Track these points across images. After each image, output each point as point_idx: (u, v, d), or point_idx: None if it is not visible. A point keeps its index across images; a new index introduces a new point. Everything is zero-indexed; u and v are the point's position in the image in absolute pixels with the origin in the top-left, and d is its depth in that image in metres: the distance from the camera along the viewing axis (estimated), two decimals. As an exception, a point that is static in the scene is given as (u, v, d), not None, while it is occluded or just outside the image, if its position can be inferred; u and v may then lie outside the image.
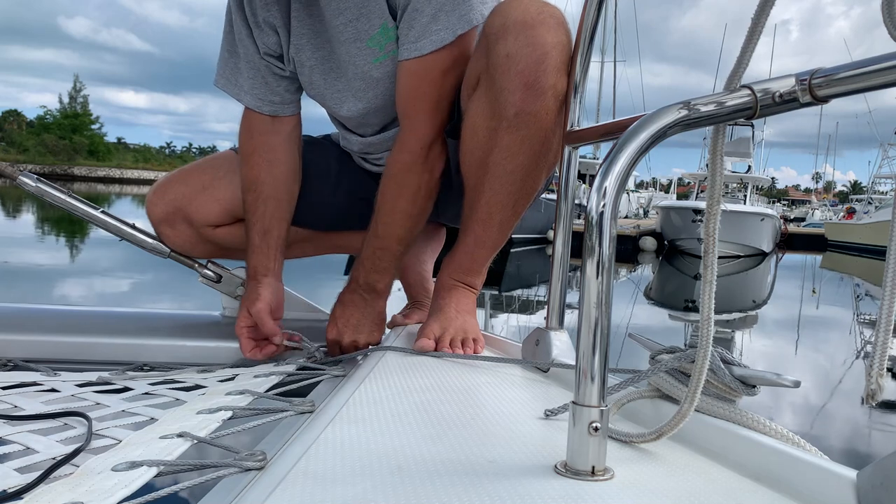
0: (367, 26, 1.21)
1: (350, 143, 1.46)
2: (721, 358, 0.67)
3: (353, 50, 1.24)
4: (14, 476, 0.65)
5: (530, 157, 1.14)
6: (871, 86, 0.53)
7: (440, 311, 1.22)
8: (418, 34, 1.15)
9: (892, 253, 0.51)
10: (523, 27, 1.08)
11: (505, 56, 1.08)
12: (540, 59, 1.07)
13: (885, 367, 0.51)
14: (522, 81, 1.08)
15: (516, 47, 1.08)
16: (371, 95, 1.29)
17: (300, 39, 1.30)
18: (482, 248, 1.24)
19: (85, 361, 1.26)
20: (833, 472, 0.55)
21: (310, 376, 1.05)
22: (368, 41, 1.22)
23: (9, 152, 67.28)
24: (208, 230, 1.40)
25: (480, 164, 1.17)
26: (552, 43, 1.08)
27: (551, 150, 1.14)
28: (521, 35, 1.08)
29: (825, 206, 51.58)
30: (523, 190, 1.18)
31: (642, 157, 0.60)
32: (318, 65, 1.31)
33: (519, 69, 1.08)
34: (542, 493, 0.55)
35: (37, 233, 14.07)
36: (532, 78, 1.08)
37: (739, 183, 23.28)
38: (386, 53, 1.23)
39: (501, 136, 1.12)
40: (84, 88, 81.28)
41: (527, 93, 1.08)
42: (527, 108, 1.09)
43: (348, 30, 1.23)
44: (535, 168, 1.16)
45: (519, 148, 1.13)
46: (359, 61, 1.25)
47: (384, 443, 0.67)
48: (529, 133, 1.11)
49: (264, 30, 1.30)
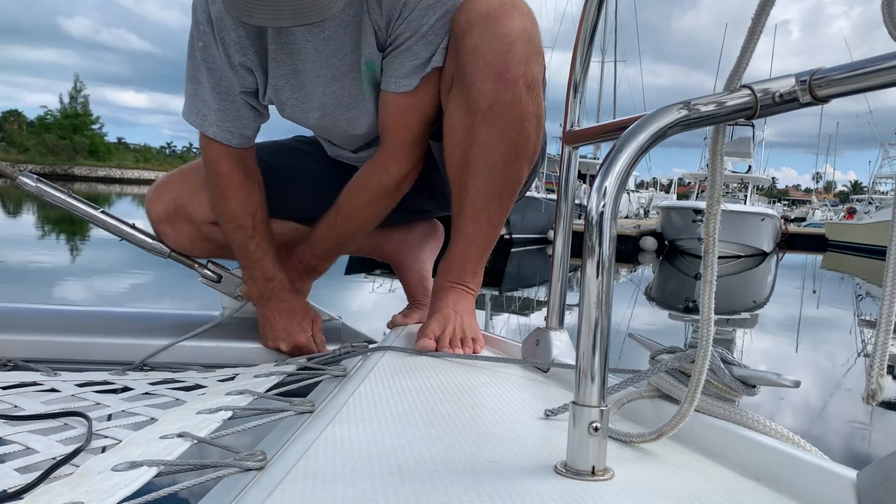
0: (358, 61, 1.21)
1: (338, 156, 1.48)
2: (721, 358, 0.67)
3: (345, 84, 1.23)
4: (14, 476, 0.65)
5: (509, 148, 1.15)
6: (871, 86, 0.53)
7: (439, 312, 1.22)
8: (408, 72, 1.17)
9: (892, 253, 0.51)
10: (487, 20, 1.10)
11: (472, 50, 1.10)
12: (506, 48, 1.09)
13: (885, 366, 0.51)
14: (491, 73, 1.10)
15: (482, 40, 1.09)
16: (363, 124, 1.30)
17: (279, 80, 1.25)
18: (474, 247, 1.25)
19: (85, 361, 1.26)
20: (833, 472, 0.55)
21: (310, 376, 1.05)
22: (360, 74, 1.22)
23: (9, 152, 67.29)
24: (209, 227, 1.40)
25: (462, 163, 1.18)
26: (517, 32, 1.09)
27: (529, 139, 1.16)
28: (486, 28, 1.09)
29: (826, 206, 51.57)
30: (506, 183, 1.19)
31: (642, 157, 0.60)
32: (298, 104, 1.28)
33: (487, 60, 1.09)
34: (542, 493, 0.55)
35: (37, 233, 14.07)
36: (501, 68, 1.09)
37: (740, 183, 23.29)
38: (372, 87, 1.24)
39: (479, 131, 1.14)
40: (84, 88, 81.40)
41: (497, 83, 1.10)
42: (499, 99, 1.11)
43: (343, 64, 1.21)
44: (516, 159, 1.17)
45: (497, 141, 1.14)
46: (349, 94, 1.25)
47: (384, 443, 0.67)
48: (505, 124, 1.13)
49: (239, 71, 1.23)
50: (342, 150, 1.44)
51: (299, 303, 1.36)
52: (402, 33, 1.14)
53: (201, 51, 1.23)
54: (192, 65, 1.26)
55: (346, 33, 1.17)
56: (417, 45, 1.15)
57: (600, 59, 36.33)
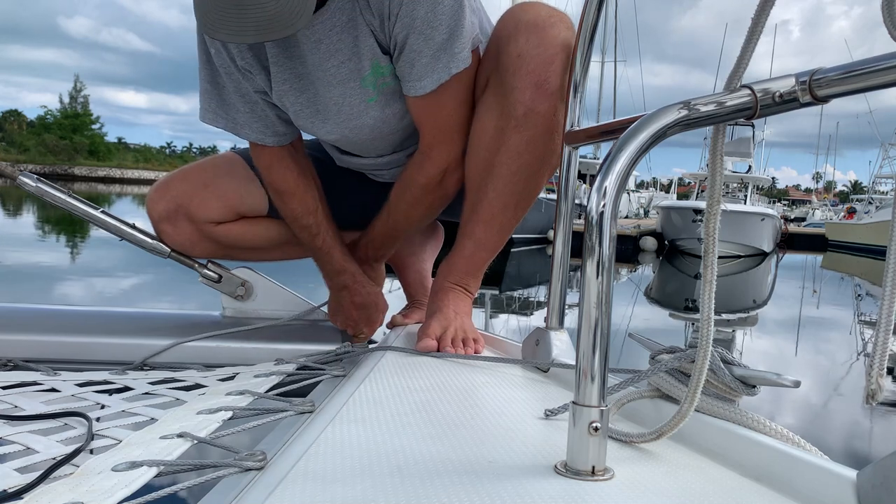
0: (360, 66, 1.17)
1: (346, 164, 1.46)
2: (721, 358, 0.67)
3: (346, 91, 1.20)
4: (14, 476, 0.65)
5: (535, 158, 1.16)
6: (871, 86, 0.53)
7: (440, 312, 1.22)
8: (420, 73, 1.14)
9: (892, 253, 0.51)
10: (535, 28, 1.10)
11: (516, 56, 1.10)
12: (550, 58, 1.10)
13: (885, 367, 0.51)
14: (533, 80, 1.10)
15: (528, 47, 1.10)
16: (367, 131, 1.27)
17: (282, 85, 1.22)
18: (481, 251, 1.24)
19: (85, 361, 1.26)
20: (833, 472, 0.55)
21: (310, 376, 1.05)
22: (362, 81, 1.18)
23: (9, 152, 67.30)
24: (209, 227, 1.40)
25: (486, 165, 1.18)
26: (562, 44, 1.10)
27: (555, 153, 1.15)
28: (532, 35, 1.10)
29: (826, 206, 51.58)
30: (526, 191, 1.19)
31: (642, 157, 0.60)
32: (303, 108, 1.24)
33: (530, 69, 1.10)
34: (542, 493, 0.55)
35: (37, 233, 14.07)
36: (542, 77, 1.10)
37: (740, 183, 23.29)
38: (378, 92, 1.21)
39: (509, 136, 1.14)
40: (84, 88, 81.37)
41: (536, 92, 1.11)
42: (535, 108, 1.11)
43: (341, 71, 1.17)
44: (539, 169, 1.18)
45: (525, 148, 1.14)
46: (352, 101, 1.21)
47: (384, 443, 0.67)
48: (536, 133, 1.13)
49: (246, 75, 1.22)
50: (352, 158, 1.42)
51: (371, 297, 1.39)
52: (399, 33, 1.12)
53: (216, 56, 1.21)
54: (209, 70, 1.25)
55: (341, 39, 1.14)
56: (416, 41, 1.12)
57: (600, 59, 36.37)
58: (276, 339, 1.37)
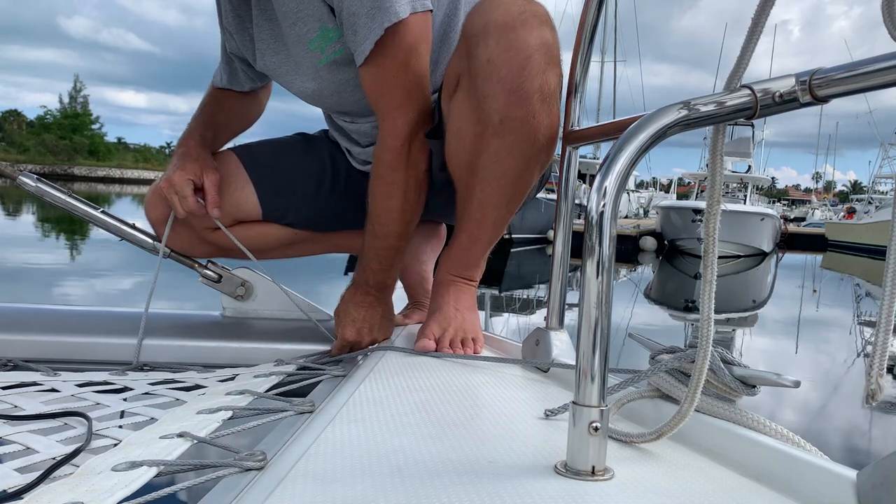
0: (306, 29, 1.19)
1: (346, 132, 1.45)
2: (721, 358, 0.67)
3: (301, 52, 1.25)
4: (14, 476, 0.65)
5: (520, 160, 1.11)
6: (871, 86, 0.53)
7: (439, 310, 1.21)
8: (362, 37, 1.11)
9: (892, 253, 0.51)
10: (504, 29, 1.03)
11: (486, 61, 1.04)
12: (522, 63, 1.02)
13: (885, 367, 0.51)
14: (505, 88, 1.03)
15: (497, 52, 1.03)
16: (328, 92, 1.30)
17: (262, 45, 1.32)
18: (478, 245, 1.23)
19: (85, 361, 1.26)
20: (833, 472, 0.55)
21: (310, 376, 1.05)
22: (309, 44, 1.21)
23: (9, 152, 67.26)
24: (207, 232, 1.40)
25: (469, 167, 1.15)
26: (535, 45, 1.03)
27: (542, 150, 1.11)
28: (502, 38, 1.03)
29: (825, 206, 51.60)
30: (515, 190, 1.16)
31: (642, 157, 0.60)
32: (278, 66, 1.34)
33: (501, 75, 1.03)
34: (542, 493, 0.55)
35: (37, 233, 14.07)
36: (515, 84, 1.03)
37: (739, 183, 23.29)
38: (327, 56, 1.21)
39: (489, 142, 1.09)
40: (84, 88, 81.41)
41: (510, 99, 1.04)
42: (511, 115, 1.05)
43: (292, 33, 1.23)
44: (527, 169, 1.13)
45: (508, 152, 1.09)
46: (306, 63, 1.27)
47: (384, 443, 0.67)
48: (517, 138, 1.08)
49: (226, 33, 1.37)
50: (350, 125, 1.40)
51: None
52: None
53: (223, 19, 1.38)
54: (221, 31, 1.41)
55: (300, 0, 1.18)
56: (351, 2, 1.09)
57: (600, 59, 36.38)
58: (276, 339, 1.37)
